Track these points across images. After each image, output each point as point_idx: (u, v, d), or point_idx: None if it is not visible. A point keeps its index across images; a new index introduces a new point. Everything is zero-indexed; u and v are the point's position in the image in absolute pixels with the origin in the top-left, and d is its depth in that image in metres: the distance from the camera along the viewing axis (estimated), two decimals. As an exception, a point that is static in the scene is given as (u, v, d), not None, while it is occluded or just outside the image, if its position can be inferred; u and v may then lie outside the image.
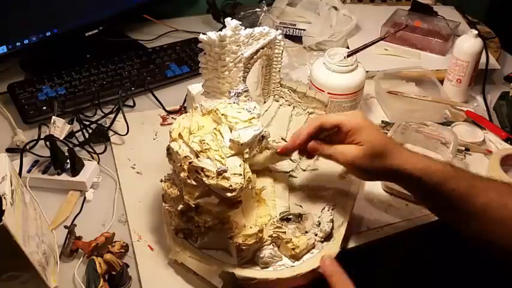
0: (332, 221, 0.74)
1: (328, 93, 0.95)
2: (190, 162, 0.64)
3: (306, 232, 0.73)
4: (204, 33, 0.71)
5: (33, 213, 0.69)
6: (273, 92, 0.91)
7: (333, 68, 0.94)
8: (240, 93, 0.75)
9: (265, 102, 0.92)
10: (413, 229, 0.81)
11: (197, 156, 0.64)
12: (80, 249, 0.74)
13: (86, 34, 1.19)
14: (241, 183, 0.63)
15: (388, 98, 1.05)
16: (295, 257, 0.70)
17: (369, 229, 0.80)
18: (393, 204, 0.85)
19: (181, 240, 0.73)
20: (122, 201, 0.84)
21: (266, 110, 0.90)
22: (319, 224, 0.73)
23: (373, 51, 1.15)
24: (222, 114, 0.69)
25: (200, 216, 0.68)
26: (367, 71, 0.99)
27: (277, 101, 0.92)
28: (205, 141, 0.65)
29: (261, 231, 0.69)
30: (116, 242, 0.75)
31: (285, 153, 0.74)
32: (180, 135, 0.68)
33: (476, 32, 1.02)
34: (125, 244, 0.75)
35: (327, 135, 0.71)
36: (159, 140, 0.97)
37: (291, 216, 0.74)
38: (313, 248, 0.72)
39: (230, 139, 0.66)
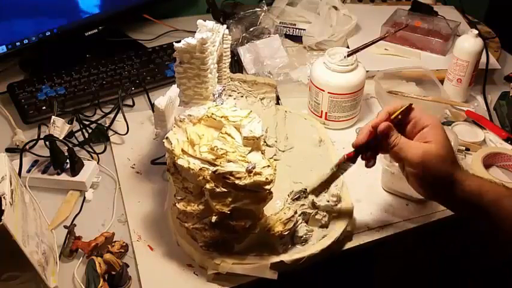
0: (336, 184, 0.78)
1: (328, 92, 0.95)
2: (215, 171, 0.63)
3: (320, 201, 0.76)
4: (177, 41, 0.67)
5: (32, 213, 0.69)
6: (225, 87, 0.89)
7: (333, 68, 0.94)
8: (221, 93, 0.76)
9: None
10: (413, 229, 0.81)
11: (212, 165, 0.64)
12: (79, 249, 0.74)
13: (86, 34, 1.18)
14: (274, 173, 0.64)
15: (388, 98, 1.05)
16: (325, 226, 0.74)
17: (369, 229, 0.80)
18: (393, 204, 0.85)
19: (215, 253, 0.71)
20: (121, 201, 0.84)
21: None
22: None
23: (373, 51, 1.15)
24: (222, 117, 0.69)
25: (238, 221, 0.67)
26: (367, 71, 0.99)
27: (230, 95, 0.91)
28: (218, 147, 0.64)
29: (295, 212, 0.72)
30: (115, 241, 0.75)
31: (358, 147, 0.69)
32: (183, 151, 0.67)
33: (477, 31, 1.01)
34: (124, 244, 0.75)
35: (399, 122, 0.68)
36: (159, 140, 0.97)
37: (298, 195, 0.76)
38: (333, 212, 0.76)
39: (244, 136, 0.66)
